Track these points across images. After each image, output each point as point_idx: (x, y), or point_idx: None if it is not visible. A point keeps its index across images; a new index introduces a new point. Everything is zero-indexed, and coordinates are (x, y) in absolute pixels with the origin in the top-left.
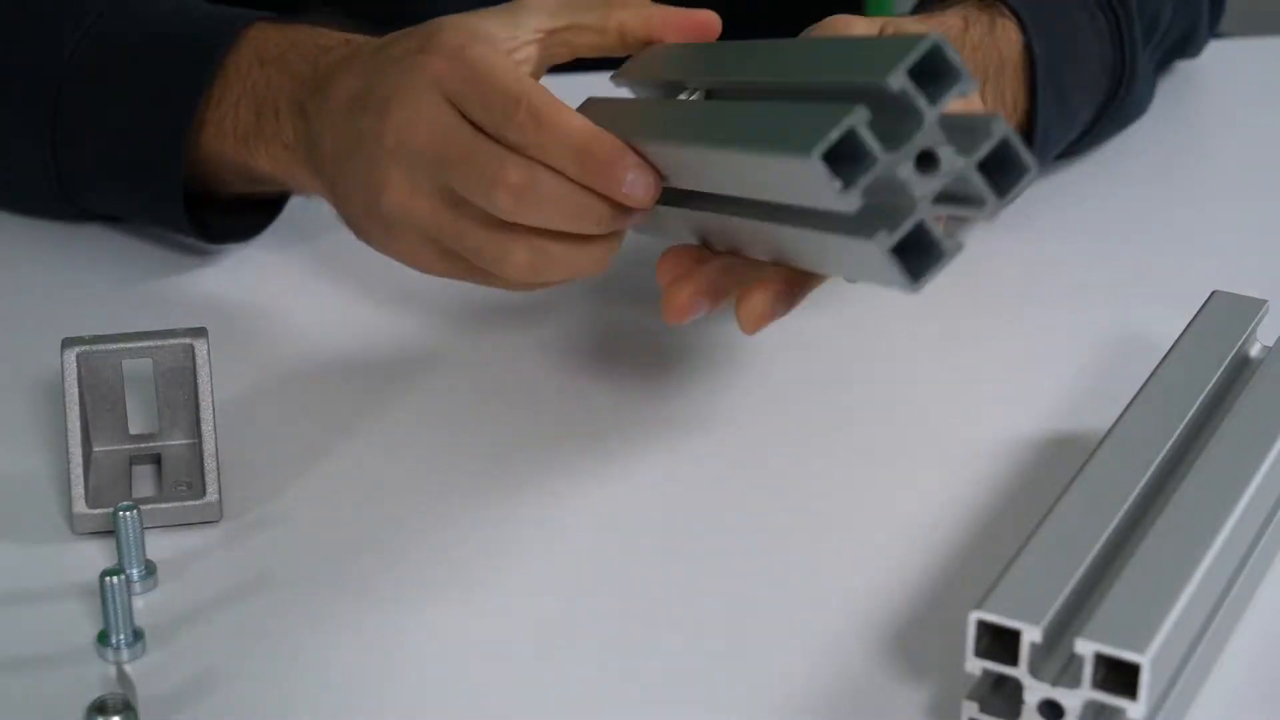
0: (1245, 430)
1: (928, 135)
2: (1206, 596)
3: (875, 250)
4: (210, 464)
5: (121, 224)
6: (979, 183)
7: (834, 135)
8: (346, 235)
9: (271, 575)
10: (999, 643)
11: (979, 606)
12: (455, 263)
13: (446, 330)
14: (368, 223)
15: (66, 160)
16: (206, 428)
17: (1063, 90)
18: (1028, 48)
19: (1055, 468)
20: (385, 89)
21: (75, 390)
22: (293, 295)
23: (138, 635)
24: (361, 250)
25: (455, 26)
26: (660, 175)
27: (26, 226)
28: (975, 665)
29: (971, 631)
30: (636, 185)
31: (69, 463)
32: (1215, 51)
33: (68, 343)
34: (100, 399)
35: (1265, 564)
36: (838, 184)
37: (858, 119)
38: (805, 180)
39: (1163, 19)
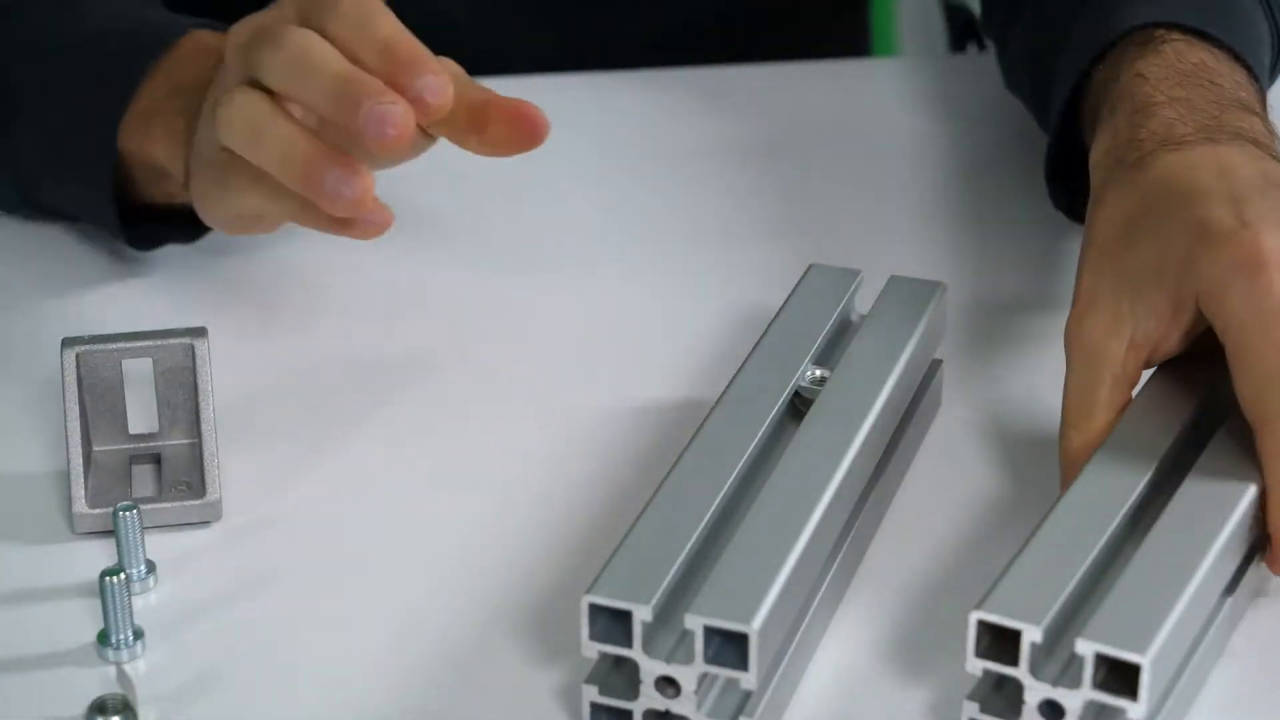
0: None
1: (689, 676)
2: (1208, 596)
3: (584, 689)
4: (210, 464)
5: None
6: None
7: (613, 604)
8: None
9: (271, 575)
10: (1000, 643)
11: (979, 606)
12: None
13: (446, 330)
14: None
15: (13, 151)
16: (206, 428)
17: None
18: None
19: (1056, 468)
20: None
21: (75, 390)
22: (293, 295)
23: (138, 635)
24: (362, 250)
25: None
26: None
27: (26, 226)
28: (976, 666)
29: (972, 632)
30: (428, 91)
31: (69, 463)
32: None
33: (68, 343)
34: (100, 399)
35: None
36: (585, 633)
37: (639, 612)
38: None
39: None
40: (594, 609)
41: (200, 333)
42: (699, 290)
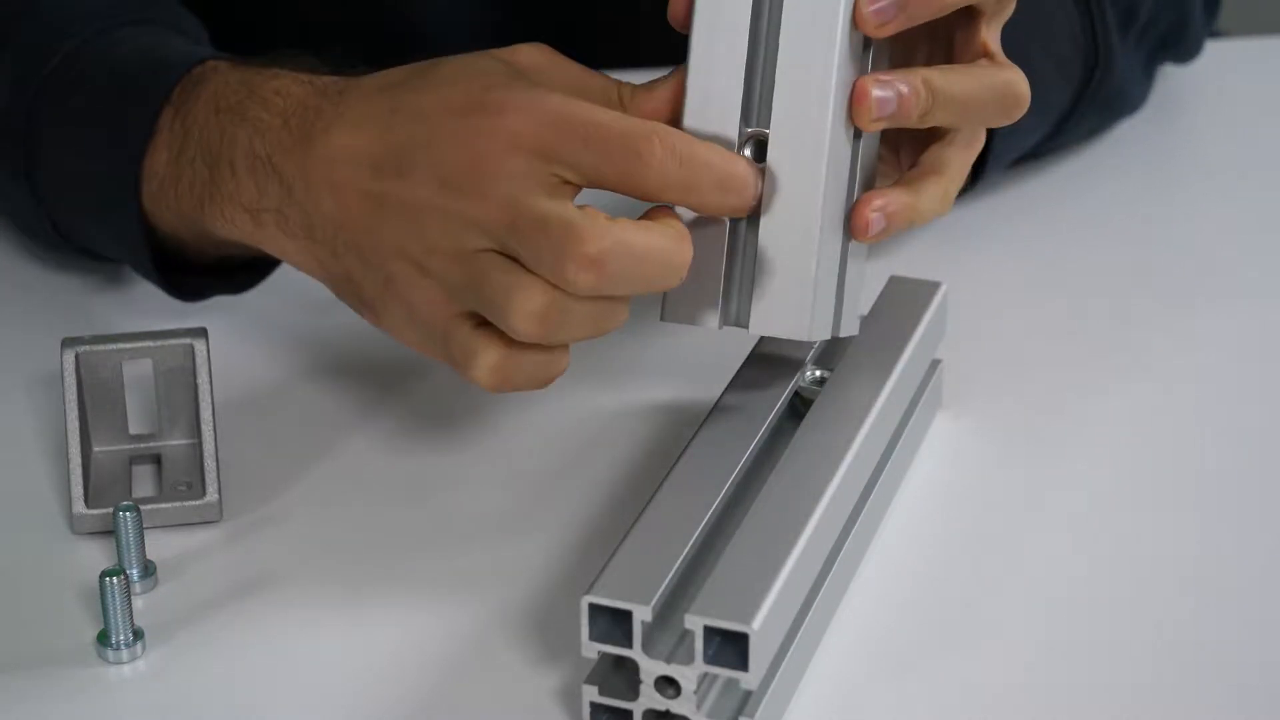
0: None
1: (689, 676)
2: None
3: (584, 689)
4: (210, 464)
5: None
6: None
7: (613, 604)
8: None
9: (271, 575)
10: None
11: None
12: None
13: None
14: (384, 294)
15: (47, 202)
16: (206, 428)
17: (1031, 69)
18: None
19: (1057, 466)
20: (437, 153)
21: (75, 390)
22: (293, 295)
23: (138, 635)
24: None
25: (488, 73)
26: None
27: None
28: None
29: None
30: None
31: (69, 463)
32: (1214, 52)
33: (68, 343)
34: (100, 399)
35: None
36: (585, 633)
37: (639, 612)
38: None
39: (1141, 9)
40: (594, 609)
41: (200, 333)
42: None
